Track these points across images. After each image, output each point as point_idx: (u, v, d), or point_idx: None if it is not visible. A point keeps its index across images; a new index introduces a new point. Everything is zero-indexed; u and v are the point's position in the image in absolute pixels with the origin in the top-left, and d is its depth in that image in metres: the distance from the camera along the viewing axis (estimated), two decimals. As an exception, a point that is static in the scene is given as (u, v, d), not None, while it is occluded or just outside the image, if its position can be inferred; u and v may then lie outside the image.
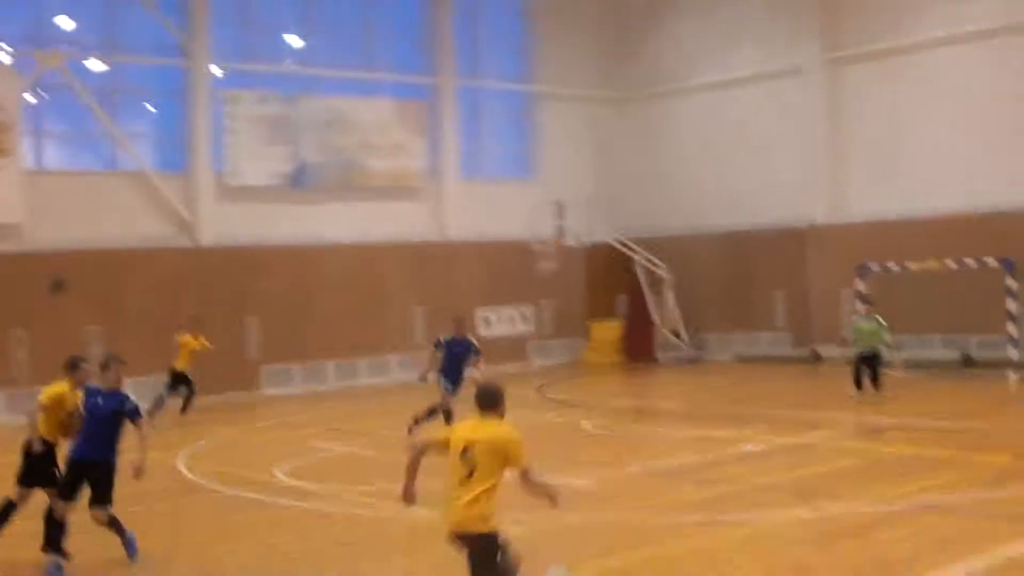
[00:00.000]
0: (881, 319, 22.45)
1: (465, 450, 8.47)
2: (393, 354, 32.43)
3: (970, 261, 27.85)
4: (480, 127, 36.57)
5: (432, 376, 19.90)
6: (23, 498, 12.45)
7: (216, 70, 30.84)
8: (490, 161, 36.84)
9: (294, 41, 33.23)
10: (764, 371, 29.79)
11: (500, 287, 34.60)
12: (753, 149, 34.87)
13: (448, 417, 18.97)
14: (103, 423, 12.04)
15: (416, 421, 19.38)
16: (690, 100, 36.75)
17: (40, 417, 12.38)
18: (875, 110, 32.24)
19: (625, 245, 35.74)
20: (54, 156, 29.57)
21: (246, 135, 30.86)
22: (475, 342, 20.32)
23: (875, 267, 29.38)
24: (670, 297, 35.37)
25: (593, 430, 20.80)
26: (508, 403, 8.66)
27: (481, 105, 36.54)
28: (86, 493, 12.05)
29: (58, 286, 27.36)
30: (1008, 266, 26.57)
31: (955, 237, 29.41)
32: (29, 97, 28.67)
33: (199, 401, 26.04)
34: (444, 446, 8.68)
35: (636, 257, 35.39)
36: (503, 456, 8.47)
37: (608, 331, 36.16)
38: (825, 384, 27.31)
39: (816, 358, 31.81)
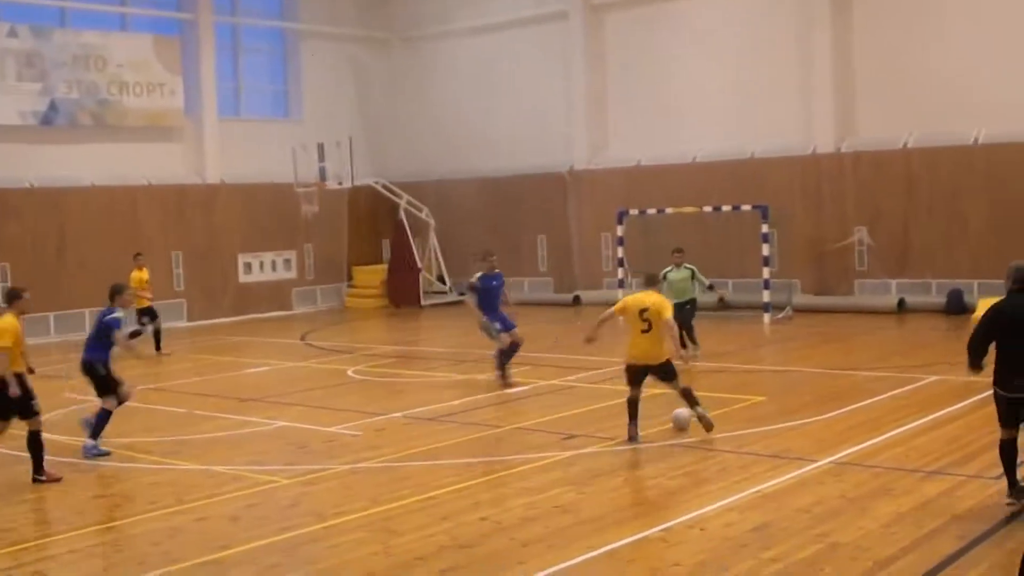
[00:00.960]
0: (691, 265, 21.99)
1: (642, 311, 14.00)
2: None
3: (726, 207, 28.83)
4: (239, 65, 35.93)
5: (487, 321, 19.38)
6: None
7: (-42, 0, 29.49)
8: (250, 101, 36.28)
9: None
10: (527, 315, 30.22)
11: (262, 231, 34.25)
12: (516, 94, 35.25)
13: (514, 351, 19.11)
14: None
15: (503, 374, 19.04)
16: (453, 43, 36.86)
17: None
18: (635, 57, 32.96)
19: (388, 189, 35.75)
20: None
21: (-6, 70, 29.64)
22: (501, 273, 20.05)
23: (634, 212, 30.14)
24: (434, 241, 35.61)
25: (357, 376, 20.88)
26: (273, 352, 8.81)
27: (240, 43, 35.89)
28: None
29: None
30: (763, 212, 27.60)
31: (713, 183, 30.43)
32: None
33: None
34: (623, 311, 14.41)
35: (399, 201, 35.44)
36: (658, 315, 13.91)
37: (372, 276, 36.20)
38: (585, 328, 27.88)
39: (577, 302, 32.53)
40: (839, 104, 29.42)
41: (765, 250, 27.48)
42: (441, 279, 35.57)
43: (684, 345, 20.48)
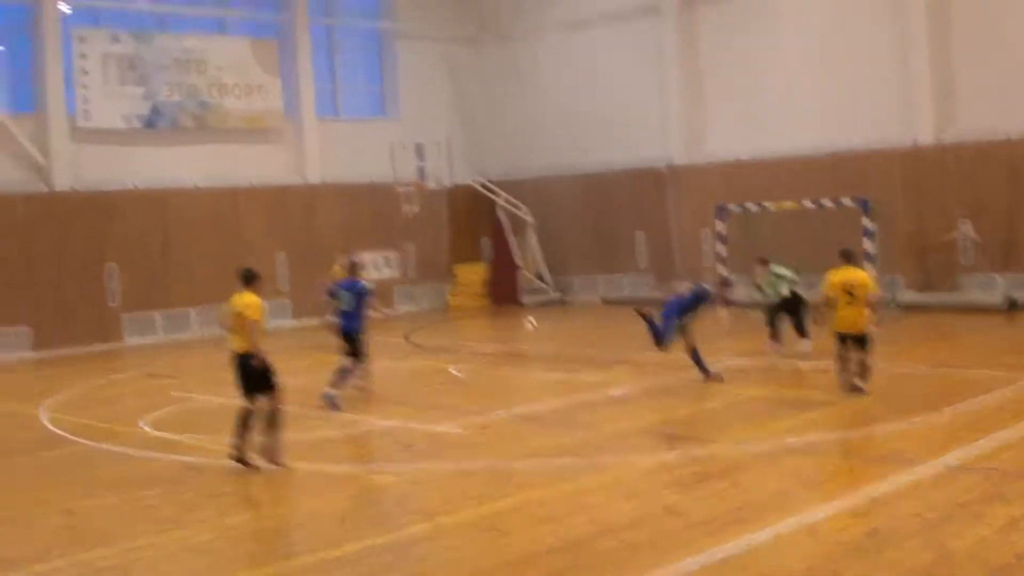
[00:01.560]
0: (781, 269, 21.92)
1: (848, 289, 16.01)
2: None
3: (827, 201, 28.55)
4: (336, 66, 36.29)
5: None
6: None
7: (64, 7, 30.08)
8: (348, 101, 36.62)
9: (145, -22, 32.64)
10: (628, 313, 30.17)
11: (363, 231, 34.52)
12: (612, 89, 35.16)
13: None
14: None
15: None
16: (548, 40, 36.86)
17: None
18: (732, 51, 32.70)
19: (487, 187, 35.90)
20: None
21: (98, 75, 30.24)
22: None
23: (734, 207, 29.96)
24: (533, 240, 35.69)
25: (460, 375, 21.00)
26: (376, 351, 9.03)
27: (337, 43, 36.24)
28: None
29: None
30: (864, 206, 27.28)
31: (812, 177, 30.12)
32: None
33: (62, 353, 25.72)
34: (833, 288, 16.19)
35: (498, 200, 35.57)
36: (864, 288, 16.00)
37: (473, 275, 36.35)
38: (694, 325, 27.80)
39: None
40: (938, 94, 28.88)
41: (867, 245, 27.14)
42: (541, 277, 35.63)
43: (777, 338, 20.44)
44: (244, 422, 13.54)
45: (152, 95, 31.10)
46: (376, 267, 34.74)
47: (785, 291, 21.19)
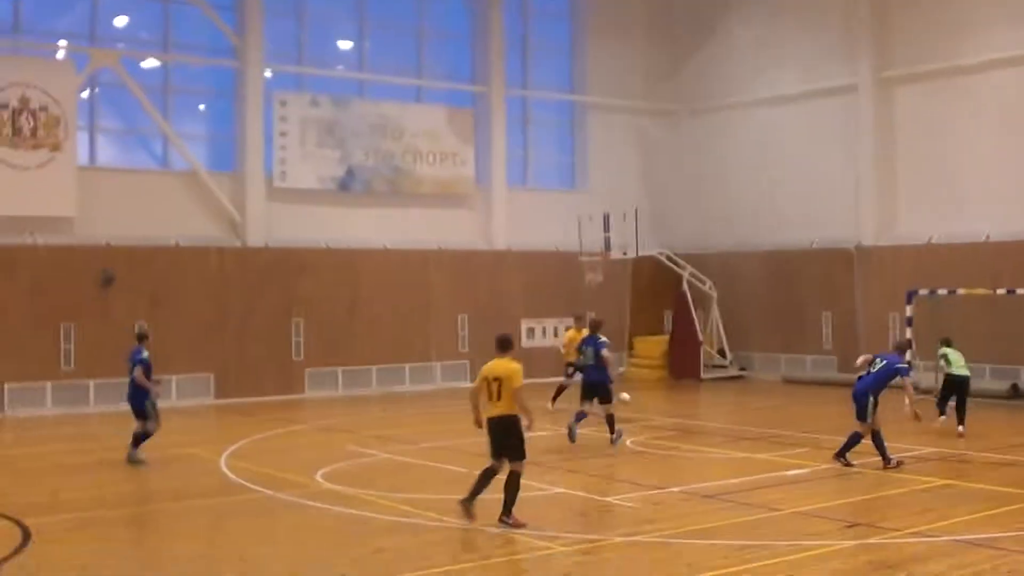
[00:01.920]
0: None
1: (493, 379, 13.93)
2: (437, 361, 32.57)
3: (1020, 290, 27.63)
4: (528, 136, 36.69)
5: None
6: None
7: (267, 71, 31.11)
8: (538, 171, 37.00)
9: (345, 44, 33.57)
10: (810, 394, 29.63)
11: (545, 298, 34.65)
12: (802, 167, 34.77)
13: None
14: None
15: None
16: (739, 115, 36.74)
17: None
18: (925, 131, 32.05)
19: (671, 260, 35.70)
20: (107, 153, 30.01)
21: (296, 137, 31.14)
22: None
23: (923, 292, 29.21)
24: (715, 314, 35.33)
25: (636, 447, 20.78)
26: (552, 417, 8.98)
27: (530, 114, 36.67)
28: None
29: (108, 281, 27.75)
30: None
31: (1006, 264, 29.22)
32: (84, 94, 29.11)
33: (244, 401, 26.30)
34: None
35: (683, 273, 35.34)
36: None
37: (653, 346, 36.08)
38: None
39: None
40: None
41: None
42: (722, 352, 35.20)
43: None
44: (487, 479, 13.97)
45: (348, 158, 31.85)
46: (556, 334, 34.80)
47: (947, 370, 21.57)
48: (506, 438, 13.87)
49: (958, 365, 22.01)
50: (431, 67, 34.46)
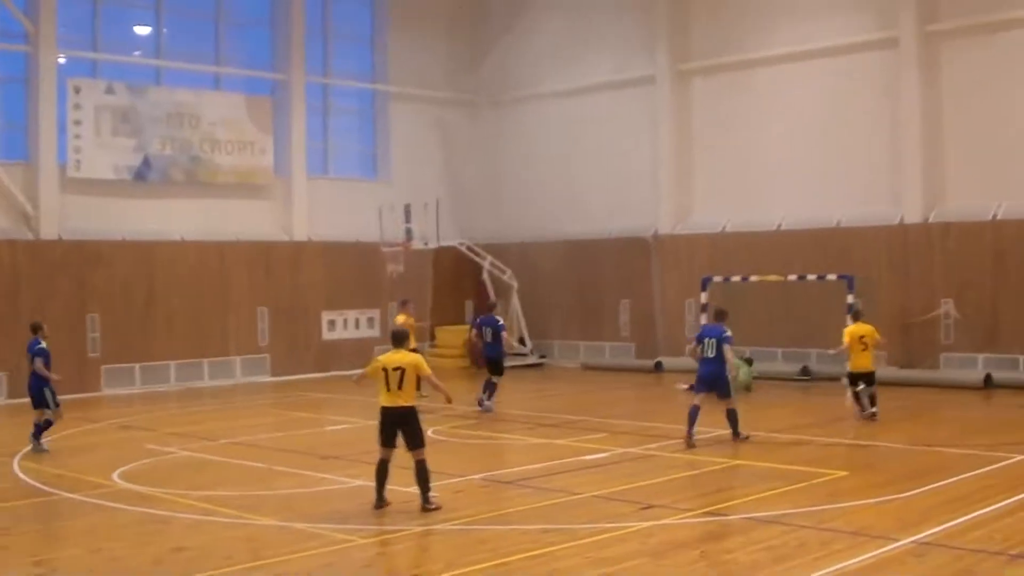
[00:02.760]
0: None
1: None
2: (237, 355, 32.15)
3: (811, 276, 28.62)
4: (329, 125, 36.44)
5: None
6: None
7: (61, 57, 30.22)
8: (338, 160, 36.78)
9: (142, 30, 32.81)
10: (608, 380, 30.19)
11: (346, 289, 34.54)
12: (601, 158, 35.36)
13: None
14: None
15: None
16: (539, 106, 37.15)
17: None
18: (720, 123, 32.95)
19: (472, 250, 35.91)
20: None
21: (91, 126, 30.31)
22: None
23: (718, 279, 30.05)
24: (516, 304, 35.66)
25: (436, 436, 20.86)
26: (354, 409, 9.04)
27: (330, 103, 36.42)
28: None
29: None
30: (848, 282, 27.35)
31: (798, 251, 30.26)
32: None
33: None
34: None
35: (483, 263, 35.58)
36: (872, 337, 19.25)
37: (454, 336, 36.25)
38: (666, 395, 27.86)
39: (659, 368, 32.32)
40: (927, 173, 29.06)
41: (849, 322, 27.13)
42: (522, 341, 35.57)
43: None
44: (386, 472, 14.33)
45: (144, 147, 31.15)
46: (357, 325, 34.72)
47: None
48: (408, 427, 14.31)
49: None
50: (230, 54, 33.88)
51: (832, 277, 28.13)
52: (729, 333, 19.26)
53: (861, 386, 21.92)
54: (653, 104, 34.24)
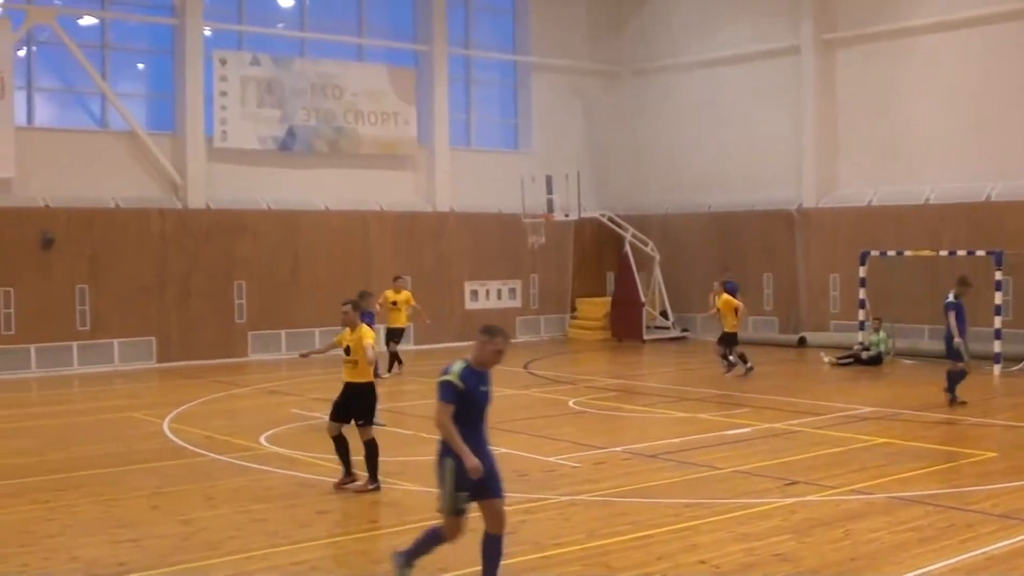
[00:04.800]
0: None
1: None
2: (381, 324, 32.49)
3: (960, 252, 28.00)
4: (471, 97, 36.63)
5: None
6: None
7: (207, 30, 30.85)
8: (480, 131, 36.94)
9: (286, 2, 33.38)
10: (751, 355, 29.92)
11: (488, 260, 34.78)
12: (744, 128, 34.95)
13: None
14: None
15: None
16: (682, 76, 36.82)
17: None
18: (866, 93, 32.28)
19: (614, 222, 35.84)
20: (45, 112, 29.66)
21: (236, 97, 30.90)
22: None
23: (875, 252, 29.45)
24: (658, 276, 35.54)
25: (578, 408, 20.96)
26: (496, 379, 9.31)
27: (472, 74, 36.58)
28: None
29: (48, 243, 27.52)
30: (997, 258, 26.71)
31: (946, 225, 29.59)
32: (20, 52, 28.75)
33: (186, 365, 26.18)
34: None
35: (625, 234, 35.48)
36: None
37: (595, 308, 36.27)
38: (810, 370, 27.56)
39: (803, 343, 31.95)
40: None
41: (997, 298, 26.54)
42: (664, 314, 35.44)
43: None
44: (346, 447, 14.09)
45: (288, 118, 31.69)
46: (499, 296, 34.94)
47: None
48: (362, 402, 14.25)
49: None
50: (373, 25, 34.25)
51: (981, 253, 27.45)
52: (951, 299, 20.25)
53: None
54: (797, 75, 33.71)
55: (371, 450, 13.82)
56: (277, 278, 31.02)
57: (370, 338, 13.96)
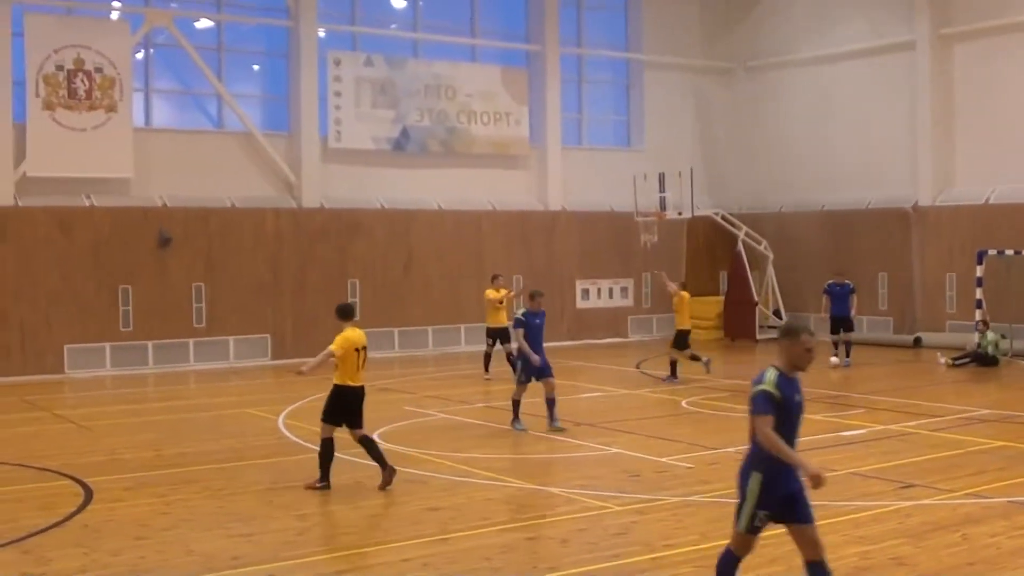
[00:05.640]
0: None
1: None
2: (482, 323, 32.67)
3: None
4: (583, 95, 36.61)
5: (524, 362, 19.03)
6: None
7: (321, 31, 31.23)
8: (592, 130, 36.91)
9: (399, 3, 33.65)
10: (865, 355, 29.51)
11: (599, 258, 34.74)
12: (858, 125, 34.47)
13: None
14: None
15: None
16: (796, 73, 36.44)
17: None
18: (984, 89, 31.66)
19: (727, 220, 35.59)
20: (162, 114, 30.28)
21: (350, 97, 31.24)
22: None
23: (992, 251, 28.90)
24: (771, 275, 35.21)
25: (691, 408, 20.85)
26: (607, 378, 9.11)
27: (584, 73, 36.57)
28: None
29: (165, 242, 28.04)
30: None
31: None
32: (138, 55, 29.36)
33: (300, 362, 26.41)
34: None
35: (738, 233, 35.20)
36: None
37: (708, 307, 35.99)
38: (926, 371, 27.10)
39: (918, 344, 31.43)
40: None
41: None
42: (778, 314, 35.09)
43: None
44: (332, 451, 14.17)
45: (402, 118, 31.96)
46: (611, 295, 34.86)
47: None
48: (360, 407, 14.48)
49: None
50: (485, 26, 34.45)
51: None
52: None
53: None
54: (912, 70, 33.13)
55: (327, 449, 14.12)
56: (390, 276, 31.30)
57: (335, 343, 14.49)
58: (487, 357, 25.90)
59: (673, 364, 24.61)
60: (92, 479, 14.50)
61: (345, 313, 15.01)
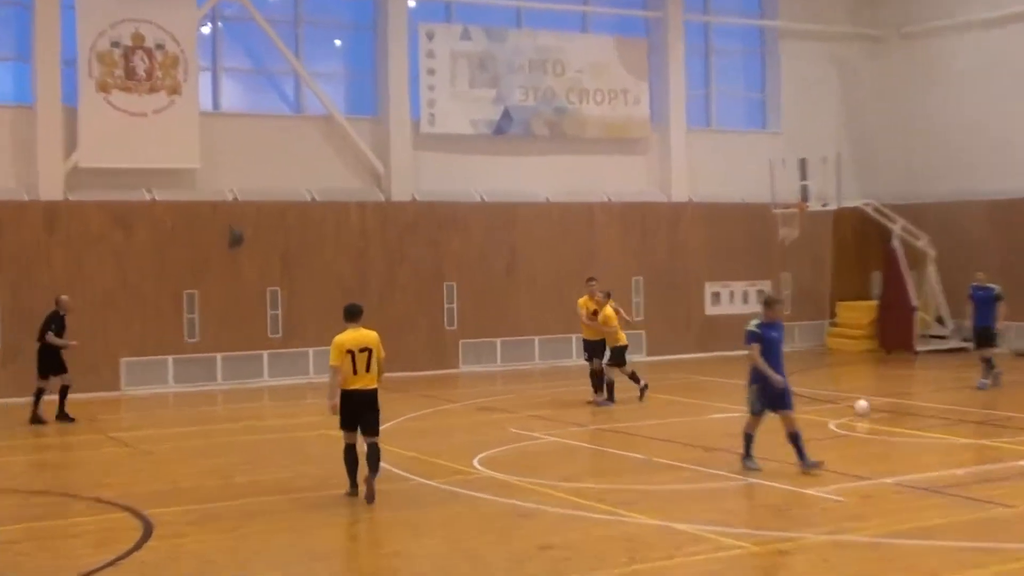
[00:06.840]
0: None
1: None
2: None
3: None
4: (711, 69, 36.35)
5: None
6: None
7: (411, 1, 31.27)
8: (722, 109, 36.66)
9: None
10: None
11: (731, 257, 34.43)
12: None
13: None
14: None
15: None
16: (957, 40, 35.90)
17: None
18: None
19: (880, 212, 35.10)
20: (232, 96, 30.51)
21: (445, 76, 31.29)
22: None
23: None
24: (933, 276, 34.65)
25: (840, 431, 20.54)
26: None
27: (712, 43, 36.32)
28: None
29: (236, 241, 28.20)
30: None
31: None
32: (205, 30, 29.59)
33: (389, 377, 26.55)
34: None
35: (893, 227, 34.70)
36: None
37: (859, 313, 35.55)
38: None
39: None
40: None
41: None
42: (941, 320, 34.53)
43: None
44: (355, 459, 15.12)
45: (504, 98, 31.92)
46: (745, 299, 34.47)
47: None
48: (371, 412, 15.07)
49: None
50: (598, -9, 34.36)
51: None
52: None
53: None
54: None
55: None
56: (491, 278, 31.29)
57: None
58: (593, 376, 25.02)
59: (610, 385, 24.18)
60: (152, 511, 14.56)
61: (347, 314, 15.38)
